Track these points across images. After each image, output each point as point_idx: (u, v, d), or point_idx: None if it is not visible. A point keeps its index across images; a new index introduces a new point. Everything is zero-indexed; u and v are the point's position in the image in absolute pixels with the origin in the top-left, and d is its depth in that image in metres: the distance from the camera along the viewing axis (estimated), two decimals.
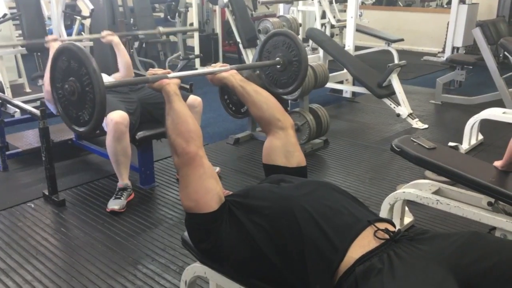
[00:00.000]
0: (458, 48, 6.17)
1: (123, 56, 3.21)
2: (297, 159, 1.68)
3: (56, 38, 3.18)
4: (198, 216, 1.42)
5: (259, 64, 2.42)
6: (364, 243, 1.26)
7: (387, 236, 1.26)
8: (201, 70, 1.91)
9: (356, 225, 1.30)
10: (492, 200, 2.04)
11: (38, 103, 3.73)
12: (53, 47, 3.00)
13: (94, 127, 1.51)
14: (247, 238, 1.36)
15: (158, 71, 1.68)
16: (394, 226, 1.38)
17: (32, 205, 2.83)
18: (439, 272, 1.14)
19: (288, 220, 1.33)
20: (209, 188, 1.43)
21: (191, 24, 7.07)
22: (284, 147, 1.67)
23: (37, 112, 2.76)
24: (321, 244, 1.27)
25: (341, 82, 5.26)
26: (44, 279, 2.15)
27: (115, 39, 3.22)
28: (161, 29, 3.59)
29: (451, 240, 1.23)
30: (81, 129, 1.55)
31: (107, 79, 3.16)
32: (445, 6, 8.76)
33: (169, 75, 1.65)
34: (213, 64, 1.92)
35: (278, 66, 2.25)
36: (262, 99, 1.74)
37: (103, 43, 3.34)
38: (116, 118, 2.64)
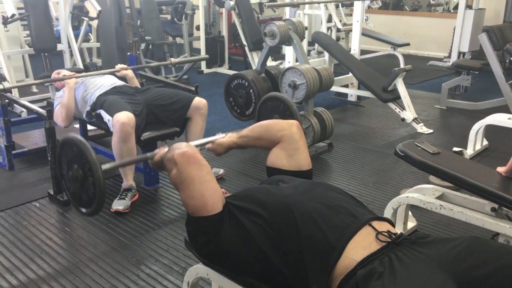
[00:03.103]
0: (464, 53, 6.17)
1: (134, 85, 3.33)
2: (298, 162, 1.67)
3: (72, 76, 3.07)
4: (204, 218, 1.40)
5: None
6: (365, 244, 1.26)
7: (388, 239, 1.27)
8: (199, 141, 1.90)
9: (354, 224, 1.31)
10: (496, 206, 2.04)
11: (44, 103, 3.76)
12: (68, 83, 2.98)
13: (97, 209, 1.59)
14: (246, 238, 1.37)
15: (161, 150, 1.62)
16: (393, 225, 1.38)
17: (37, 205, 2.85)
18: (440, 276, 1.14)
19: (286, 219, 1.34)
20: (214, 189, 1.43)
21: (198, 26, 7.10)
22: (286, 151, 1.68)
23: (43, 112, 2.79)
24: (318, 242, 1.28)
25: (346, 86, 5.27)
26: (48, 278, 2.16)
27: (129, 73, 3.33)
28: (172, 60, 3.71)
29: (452, 245, 1.23)
30: (87, 210, 1.62)
31: (112, 79, 3.18)
32: (452, 11, 8.75)
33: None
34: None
35: None
36: (257, 130, 1.78)
37: (110, 44, 3.37)
38: (122, 119, 2.65)
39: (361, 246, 1.26)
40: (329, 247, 1.27)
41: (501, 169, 2.11)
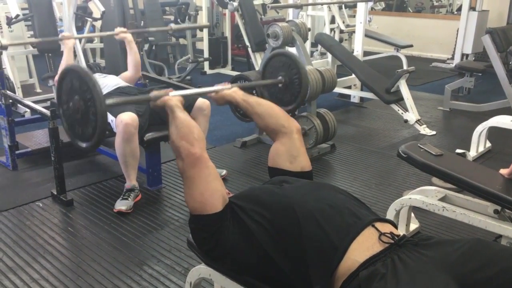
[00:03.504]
0: (467, 55, 6.16)
1: (133, 54, 3.27)
2: (301, 163, 1.69)
3: (70, 36, 3.22)
4: (203, 217, 1.44)
5: (261, 82, 2.46)
6: (367, 246, 1.26)
7: (391, 240, 1.27)
8: (203, 89, 1.97)
9: (356, 224, 1.31)
10: (499, 208, 2.04)
11: (48, 103, 3.77)
12: (67, 44, 3.05)
13: (96, 143, 1.57)
14: (249, 238, 1.38)
15: (160, 92, 1.72)
16: (395, 226, 1.39)
17: (40, 204, 2.86)
18: (442, 278, 1.14)
19: (288, 219, 1.35)
20: (214, 189, 1.46)
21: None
22: (288, 152, 1.69)
23: (47, 112, 2.80)
24: (321, 243, 1.28)
25: (349, 87, 5.27)
26: (51, 277, 2.17)
27: (128, 36, 3.28)
28: (172, 26, 3.63)
29: (455, 247, 1.23)
30: (85, 144, 1.61)
31: (115, 80, 3.19)
32: (455, 12, 8.73)
33: (170, 93, 1.70)
34: (215, 85, 1.95)
35: (280, 85, 2.28)
36: (265, 109, 1.77)
37: (114, 45, 3.38)
38: (126, 120, 2.66)
39: (364, 247, 1.26)
40: (332, 247, 1.27)
41: (504, 171, 2.10)
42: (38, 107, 3.02)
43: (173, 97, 1.66)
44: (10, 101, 3.24)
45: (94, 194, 3.00)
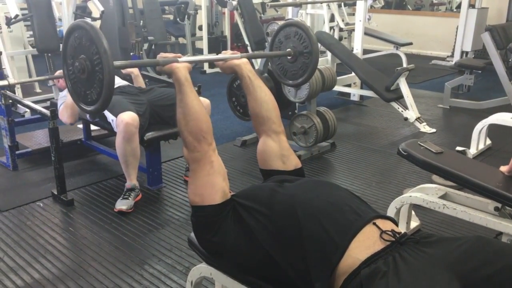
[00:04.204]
0: (467, 53, 6.15)
1: (139, 84, 3.35)
2: (293, 161, 1.71)
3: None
4: (201, 208, 1.47)
5: (270, 53, 2.39)
6: (368, 244, 1.26)
7: (393, 238, 1.27)
8: (212, 56, 1.89)
9: (357, 222, 1.31)
10: (499, 205, 2.04)
11: (48, 103, 3.77)
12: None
13: (101, 107, 1.49)
14: (250, 236, 1.38)
15: (169, 54, 1.65)
16: (396, 224, 1.39)
17: (41, 204, 2.86)
18: (444, 276, 1.14)
19: (289, 217, 1.35)
20: (214, 183, 1.47)
21: (200, 26, 7.10)
22: (279, 152, 1.70)
23: (47, 112, 2.79)
24: (321, 241, 1.28)
25: (349, 85, 5.26)
26: (52, 277, 2.17)
27: (135, 71, 3.36)
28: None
29: (456, 245, 1.23)
30: (89, 108, 1.53)
31: (116, 80, 3.19)
32: (455, 10, 8.72)
33: (179, 59, 1.61)
34: (223, 51, 1.92)
35: (289, 57, 2.22)
36: (264, 98, 1.75)
37: (113, 44, 3.39)
38: (126, 119, 2.66)
39: (365, 245, 1.26)
40: (332, 245, 1.27)
41: (504, 168, 2.10)
42: (38, 107, 3.02)
43: (182, 65, 1.58)
44: (10, 101, 3.24)
45: (94, 194, 3.00)
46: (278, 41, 2.27)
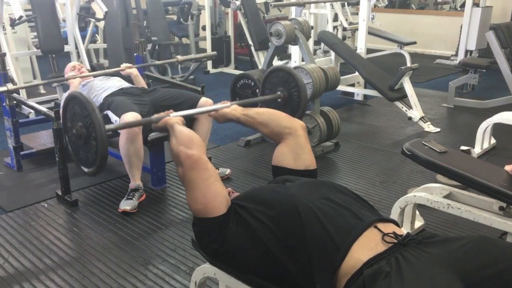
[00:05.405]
0: (471, 51, 6.13)
1: (140, 86, 3.33)
2: (305, 161, 1.68)
3: (75, 76, 3.16)
4: (206, 220, 1.44)
5: (261, 99, 2.49)
6: (370, 246, 1.26)
7: (395, 240, 1.27)
8: (203, 108, 2.05)
9: (359, 225, 1.31)
10: (504, 204, 2.03)
11: (52, 104, 3.78)
12: (73, 83, 3.07)
13: (99, 166, 1.62)
14: (253, 237, 1.38)
15: (161, 114, 1.80)
16: (398, 226, 1.38)
17: (45, 205, 2.87)
18: (447, 276, 1.14)
19: (292, 218, 1.35)
20: (216, 192, 1.45)
21: (204, 27, 7.11)
22: (293, 150, 1.69)
23: (51, 113, 2.80)
24: (323, 242, 1.28)
25: (352, 85, 5.26)
26: (56, 277, 2.18)
27: (134, 71, 3.34)
28: (179, 57, 3.68)
29: (459, 244, 1.22)
30: (87, 169, 1.66)
31: (118, 81, 3.20)
32: (459, 9, 8.70)
33: (171, 114, 1.76)
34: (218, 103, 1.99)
35: (279, 100, 2.29)
36: (266, 117, 1.77)
37: (117, 45, 3.39)
38: (129, 120, 2.66)
39: (367, 247, 1.26)
40: (334, 247, 1.27)
41: (509, 168, 2.09)
42: (42, 108, 3.03)
43: (175, 119, 1.72)
44: (14, 102, 3.25)
45: (98, 194, 3.01)
46: (267, 87, 2.39)
